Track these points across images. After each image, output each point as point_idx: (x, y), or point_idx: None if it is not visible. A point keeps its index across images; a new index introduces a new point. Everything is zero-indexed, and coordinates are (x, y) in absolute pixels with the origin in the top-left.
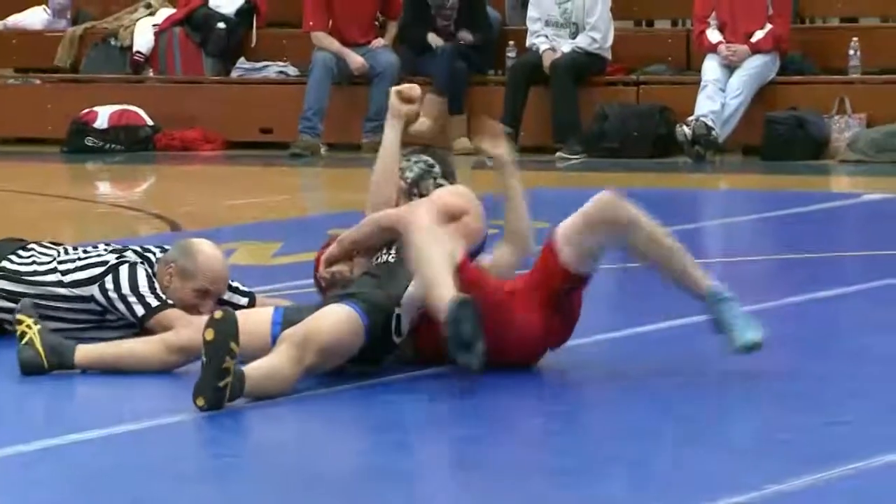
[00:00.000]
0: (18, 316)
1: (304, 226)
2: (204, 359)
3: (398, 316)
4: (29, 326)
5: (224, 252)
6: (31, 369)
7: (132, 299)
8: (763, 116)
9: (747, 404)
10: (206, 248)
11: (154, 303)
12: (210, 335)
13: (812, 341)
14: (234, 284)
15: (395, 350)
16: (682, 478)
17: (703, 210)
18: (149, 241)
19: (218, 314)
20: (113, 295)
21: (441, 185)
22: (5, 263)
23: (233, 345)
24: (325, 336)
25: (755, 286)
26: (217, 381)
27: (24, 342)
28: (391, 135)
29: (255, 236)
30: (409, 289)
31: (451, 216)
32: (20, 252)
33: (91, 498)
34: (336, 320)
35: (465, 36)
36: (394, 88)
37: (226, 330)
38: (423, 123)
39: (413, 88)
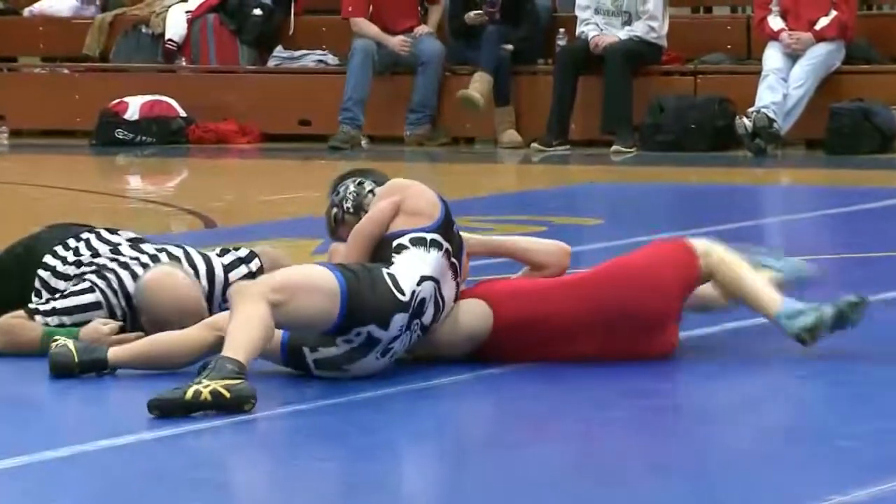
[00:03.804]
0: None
1: None
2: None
3: (390, 275)
4: (64, 338)
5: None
6: (61, 368)
7: None
8: (827, 108)
9: (807, 410)
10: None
11: None
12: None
13: (876, 343)
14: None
15: (411, 315)
16: (739, 488)
17: (763, 206)
18: (182, 238)
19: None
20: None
21: None
22: (47, 259)
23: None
24: (279, 274)
25: (818, 285)
26: (228, 405)
27: (56, 346)
28: None
29: (293, 233)
30: (400, 265)
31: (391, 214)
32: (69, 242)
33: None
34: (300, 266)
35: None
36: None
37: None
38: (478, 99)
39: None
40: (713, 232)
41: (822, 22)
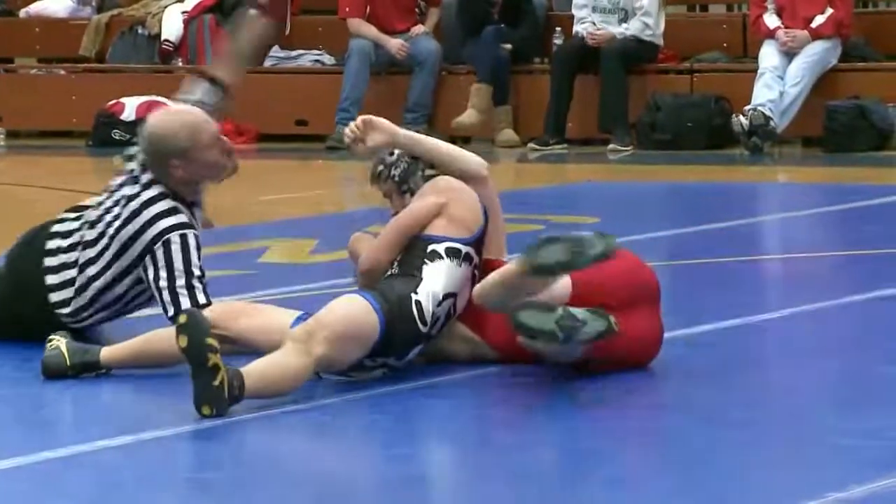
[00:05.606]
0: (51, 336)
1: (341, 222)
2: (189, 367)
3: (418, 302)
4: (59, 339)
5: (257, 250)
6: (53, 371)
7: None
8: (824, 105)
9: (806, 407)
10: (166, 122)
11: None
12: (184, 341)
13: (875, 341)
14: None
15: (425, 341)
16: (738, 486)
17: (760, 204)
18: None
19: (182, 318)
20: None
21: (430, 177)
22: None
23: (209, 340)
24: (332, 322)
25: (816, 284)
26: (210, 380)
27: (49, 347)
28: None
29: (289, 233)
30: (428, 281)
31: (434, 214)
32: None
33: None
34: (345, 306)
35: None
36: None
37: (196, 328)
38: (470, 115)
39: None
40: (710, 230)
41: (819, 19)
